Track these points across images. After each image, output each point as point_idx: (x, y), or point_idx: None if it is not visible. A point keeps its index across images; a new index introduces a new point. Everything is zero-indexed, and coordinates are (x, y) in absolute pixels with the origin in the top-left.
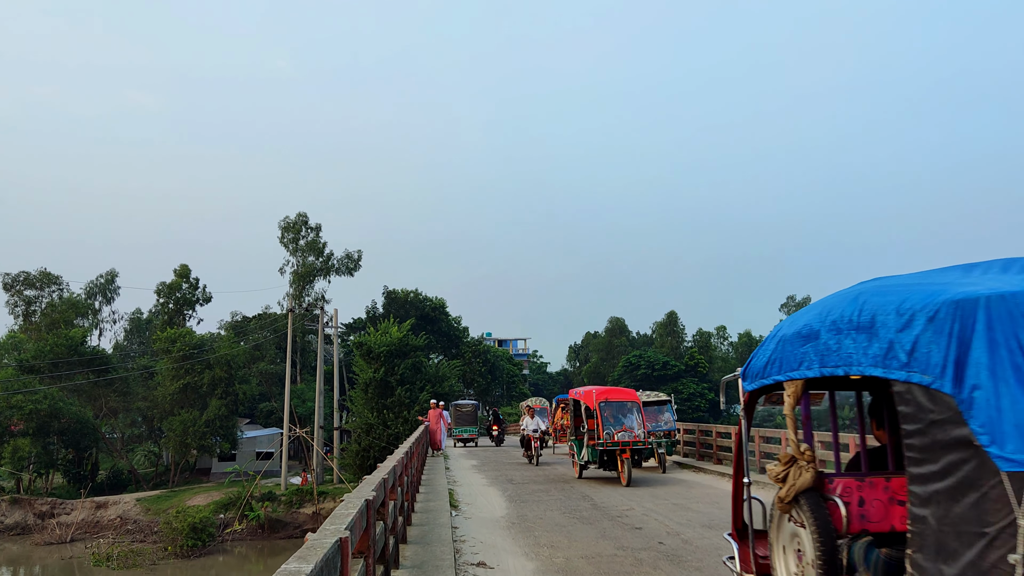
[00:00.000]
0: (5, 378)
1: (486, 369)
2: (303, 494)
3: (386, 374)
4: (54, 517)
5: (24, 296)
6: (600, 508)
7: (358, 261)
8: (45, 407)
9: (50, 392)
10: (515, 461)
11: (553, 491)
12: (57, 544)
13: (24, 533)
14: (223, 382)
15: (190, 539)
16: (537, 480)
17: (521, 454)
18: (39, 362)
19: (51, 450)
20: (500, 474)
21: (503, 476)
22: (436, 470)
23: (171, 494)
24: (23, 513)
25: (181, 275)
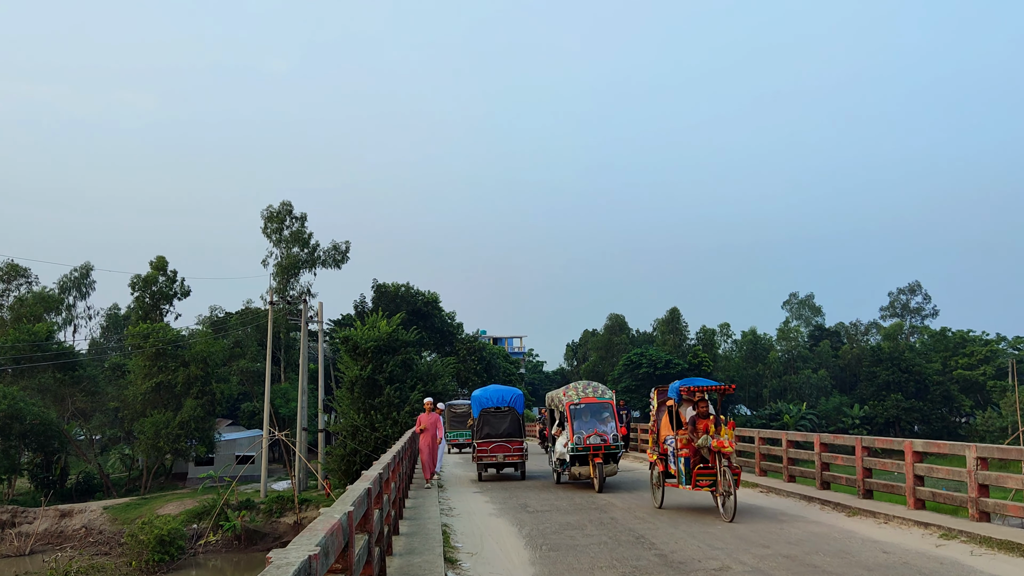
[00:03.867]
0: None
1: (481, 367)
2: (284, 502)
3: (373, 371)
4: (15, 527)
5: None
6: (672, 563)
7: (346, 253)
8: (4, 407)
9: (9, 391)
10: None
11: (589, 526)
12: (15, 556)
13: None
14: (199, 381)
15: (157, 553)
16: (562, 506)
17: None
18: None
19: (12, 454)
20: (510, 497)
21: (515, 500)
22: (424, 487)
23: (142, 502)
24: None
25: (157, 267)
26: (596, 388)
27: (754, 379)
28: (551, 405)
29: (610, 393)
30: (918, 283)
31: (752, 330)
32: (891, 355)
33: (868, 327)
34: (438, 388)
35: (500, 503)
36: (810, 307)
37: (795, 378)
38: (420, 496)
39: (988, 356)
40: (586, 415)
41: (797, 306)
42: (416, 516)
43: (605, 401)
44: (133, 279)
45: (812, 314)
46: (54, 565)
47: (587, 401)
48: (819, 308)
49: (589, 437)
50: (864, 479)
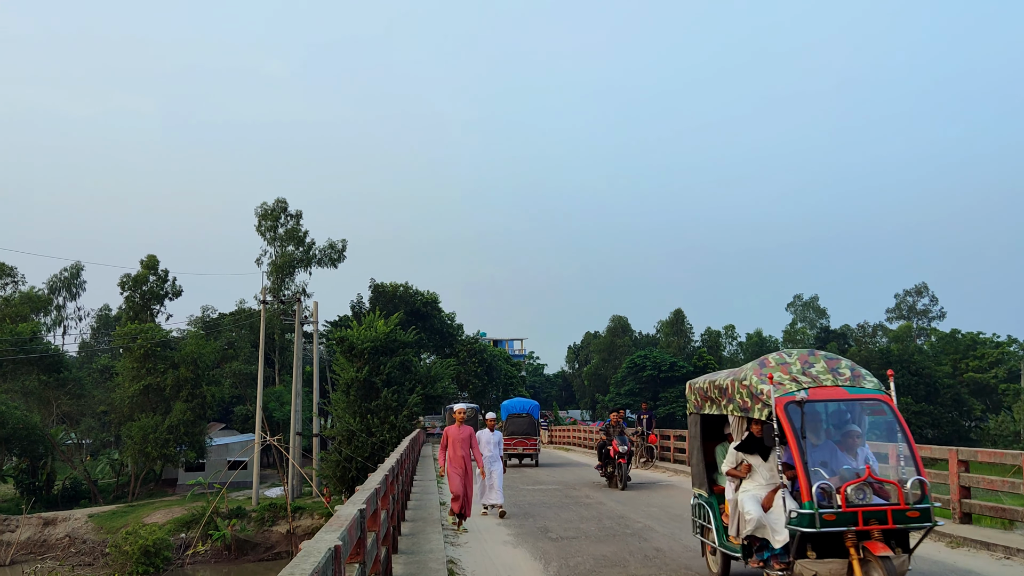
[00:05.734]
0: None
1: (482, 370)
2: (276, 510)
3: (370, 373)
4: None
5: None
6: None
7: (342, 252)
8: None
9: None
10: (535, 484)
11: (631, 561)
12: None
13: None
14: (189, 383)
15: (141, 564)
16: (590, 531)
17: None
18: None
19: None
20: (527, 516)
21: (533, 522)
22: (425, 507)
23: (128, 509)
24: None
25: (148, 267)
26: (840, 364)
27: None
28: (707, 400)
29: (874, 381)
30: (925, 284)
31: (758, 332)
32: (900, 357)
33: (875, 329)
34: (438, 391)
35: (516, 526)
36: (815, 309)
37: None
38: (420, 509)
39: (999, 359)
40: (833, 429)
41: (802, 308)
42: (414, 548)
43: (873, 396)
44: (123, 279)
45: (817, 316)
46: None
47: (831, 395)
48: (824, 310)
49: (851, 487)
50: None
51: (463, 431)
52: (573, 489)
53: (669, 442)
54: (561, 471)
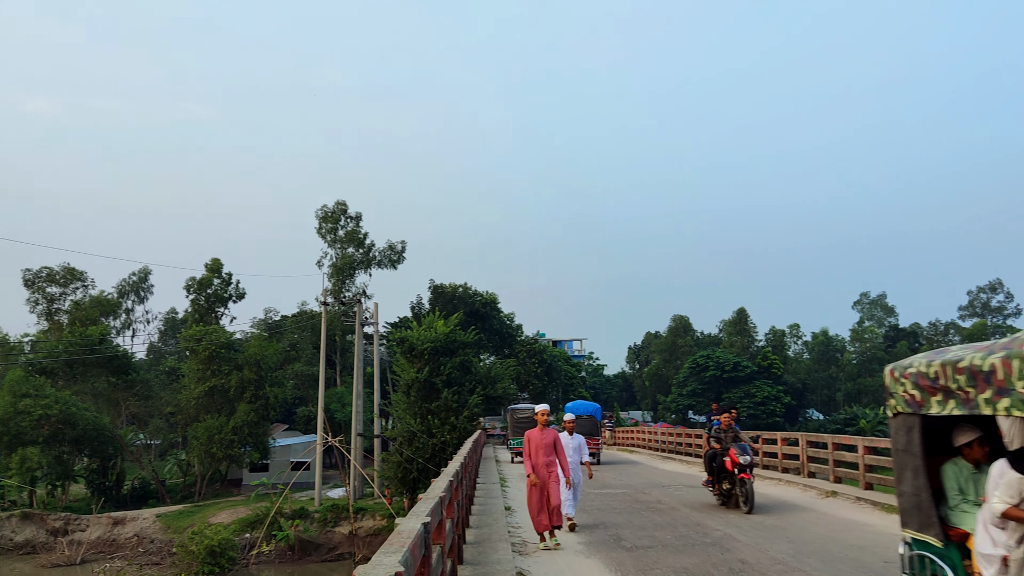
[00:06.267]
0: (13, 380)
1: (542, 370)
2: (339, 511)
3: (430, 374)
4: (68, 534)
5: (47, 294)
6: None
7: (401, 253)
8: (56, 412)
9: (62, 396)
10: (602, 488)
11: (715, 575)
12: (65, 566)
13: (34, 552)
14: (253, 385)
15: (207, 564)
16: (666, 540)
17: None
18: (52, 363)
19: (66, 460)
20: (597, 521)
21: (604, 530)
22: (489, 512)
23: (195, 509)
24: (35, 530)
25: (212, 270)
26: None
27: (826, 382)
28: (939, 391)
29: None
30: (999, 281)
31: (823, 331)
32: None
33: (947, 327)
34: (498, 391)
35: (586, 534)
36: (882, 307)
37: (870, 381)
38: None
39: None
40: None
41: (868, 306)
42: (480, 559)
43: None
44: (188, 282)
45: (885, 314)
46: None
47: None
48: (892, 308)
49: None
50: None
51: (546, 435)
52: (642, 493)
53: (776, 447)
54: (628, 474)
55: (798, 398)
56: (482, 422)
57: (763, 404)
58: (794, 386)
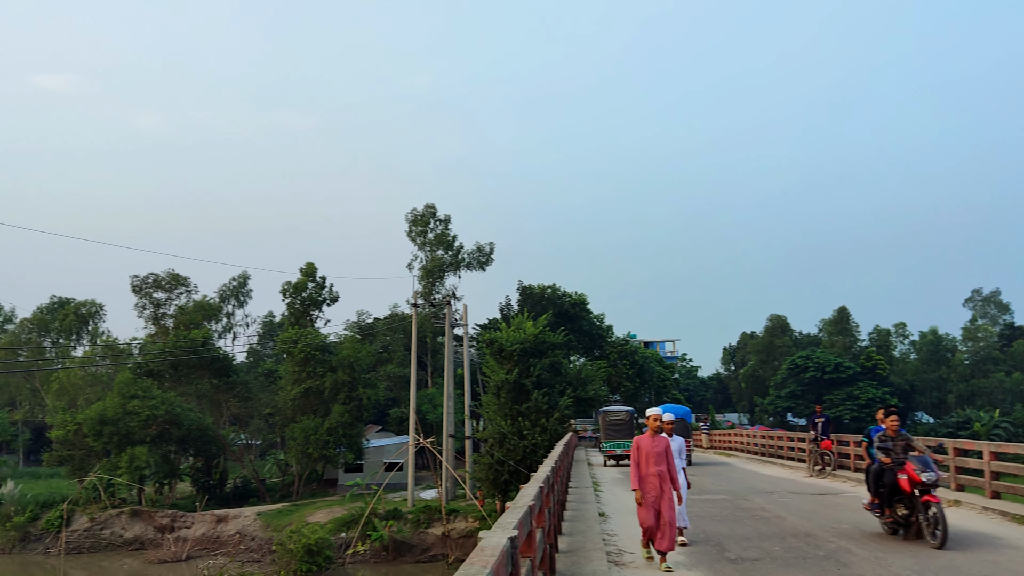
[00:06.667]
0: (122, 382)
1: (634, 372)
2: (431, 512)
3: (520, 375)
4: (174, 531)
5: (153, 299)
6: None
7: (490, 255)
8: (162, 413)
9: (167, 397)
10: (700, 494)
11: None
12: (172, 562)
13: (143, 548)
14: (346, 386)
15: (304, 563)
16: (774, 552)
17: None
18: (158, 365)
19: (172, 459)
20: (696, 528)
21: (706, 542)
22: (583, 518)
23: (293, 508)
24: (143, 526)
25: (307, 274)
26: None
27: (936, 384)
28: None
29: None
30: None
31: (932, 330)
32: None
33: None
34: (589, 393)
35: (686, 537)
36: (996, 304)
37: (985, 382)
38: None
39: None
40: None
41: (981, 304)
42: (574, 570)
43: None
44: (284, 286)
45: (999, 312)
46: (206, 573)
47: None
48: (1007, 305)
49: None
50: None
51: (657, 443)
52: (744, 500)
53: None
54: (726, 479)
55: (905, 400)
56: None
57: (867, 407)
58: (901, 388)
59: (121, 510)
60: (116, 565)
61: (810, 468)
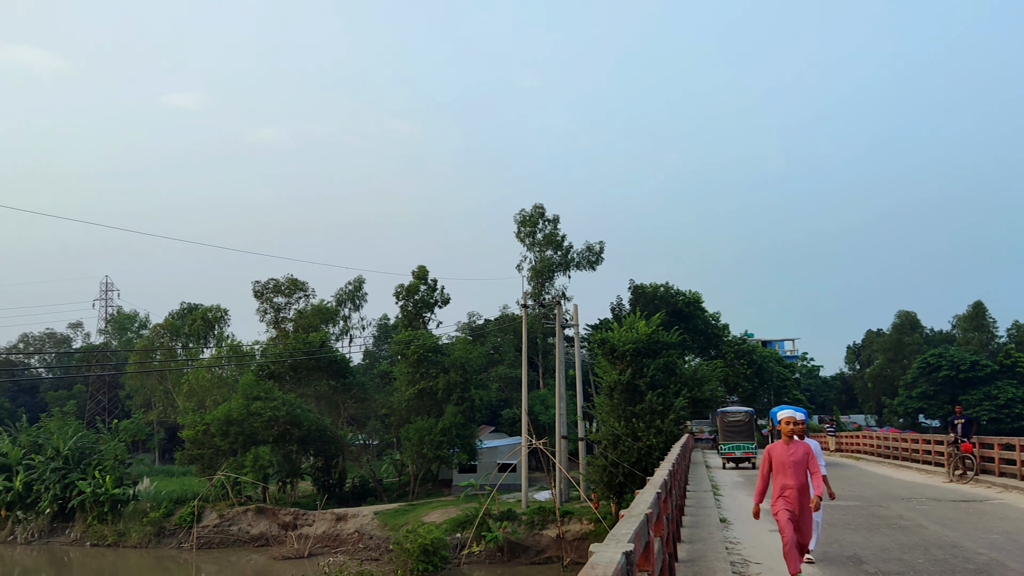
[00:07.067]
0: (246, 384)
1: (752, 372)
2: (545, 513)
3: (633, 376)
4: (296, 528)
5: (273, 303)
6: None
7: (600, 254)
8: (283, 413)
9: (288, 398)
10: (831, 501)
11: None
12: (295, 558)
13: (267, 544)
14: (459, 387)
15: (421, 562)
16: (917, 564)
17: None
18: (279, 367)
19: (293, 458)
20: (826, 535)
21: (839, 550)
22: (703, 524)
23: (409, 508)
24: (268, 523)
25: (419, 277)
26: None
27: None
28: None
29: None
30: None
31: None
32: None
33: None
34: (705, 394)
35: (817, 555)
36: None
37: None
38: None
39: None
40: None
41: None
42: None
43: None
44: (397, 289)
45: None
46: (327, 570)
47: None
48: None
49: None
50: None
51: (795, 450)
52: (879, 507)
53: (1015, 453)
54: (856, 484)
55: None
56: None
57: (1007, 407)
58: None
59: (247, 507)
60: (244, 560)
61: (950, 473)
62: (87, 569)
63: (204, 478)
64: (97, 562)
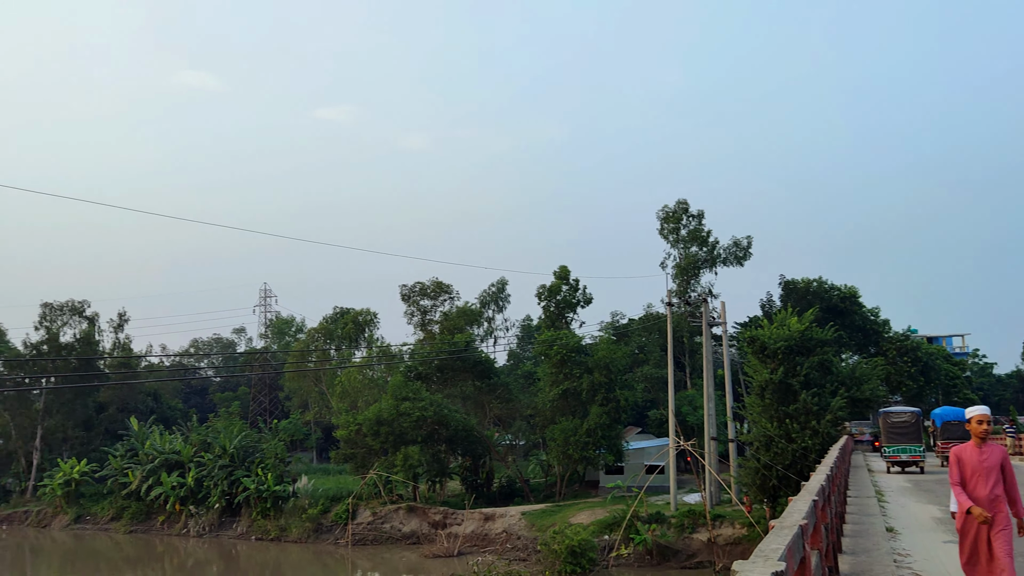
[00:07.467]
0: (395, 385)
1: (916, 370)
2: (695, 517)
3: (786, 375)
4: (446, 527)
5: (420, 306)
6: None
7: (748, 249)
8: (431, 414)
9: (435, 399)
10: None
11: None
12: (445, 557)
13: (418, 542)
14: (603, 387)
15: (568, 564)
16: None
17: None
18: (426, 368)
19: (441, 458)
20: None
21: None
22: (867, 534)
23: (556, 509)
24: (418, 522)
25: (561, 277)
26: None
27: None
28: None
29: None
30: None
31: None
32: None
33: None
34: (864, 393)
35: None
36: None
37: None
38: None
39: None
40: None
41: None
42: None
43: None
44: (539, 290)
45: None
46: (476, 569)
47: None
48: None
49: None
50: None
51: (988, 454)
52: None
53: None
54: None
55: None
56: (848, 427)
57: None
58: None
59: (398, 506)
60: (396, 557)
61: None
62: (253, 562)
63: (358, 476)
64: (262, 555)
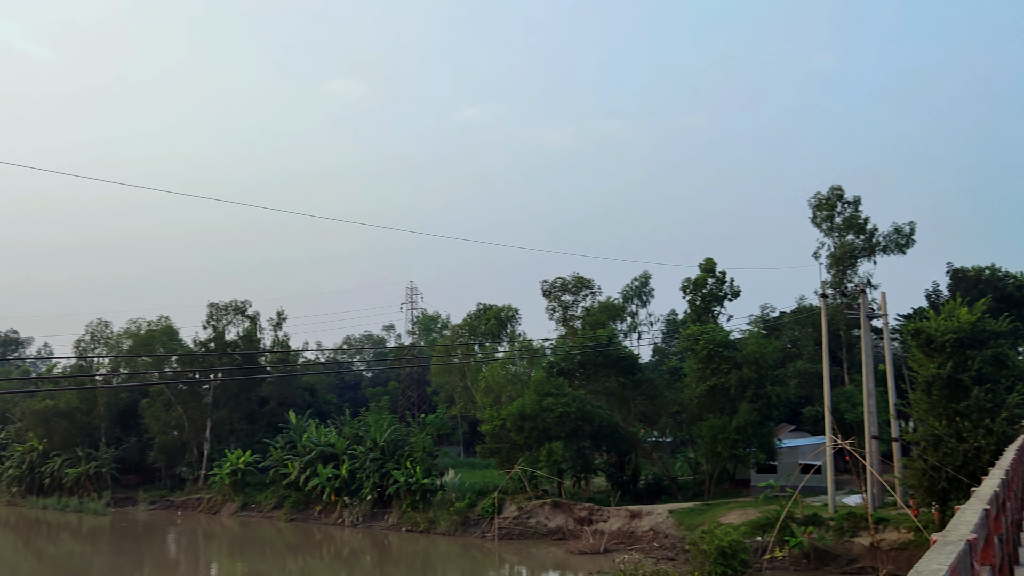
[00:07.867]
0: (537, 380)
1: None
2: (856, 520)
3: (955, 370)
4: (591, 524)
5: (561, 301)
6: None
7: (910, 236)
8: (574, 409)
9: (577, 395)
10: None
11: None
12: (591, 553)
13: (563, 538)
14: (753, 383)
15: (719, 565)
16: None
17: None
18: (568, 364)
19: (586, 454)
20: None
21: None
22: None
23: (705, 507)
24: (564, 518)
25: (707, 270)
26: None
27: None
28: None
29: None
30: None
31: None
32: None
33: None
34: None
35: None
36: None
37: None
38: None
39: None
40: None
41: None
42: None
43: None
44: (684, 283)
45: None
46: (622, 567)
47: None
48: None
49: None
50: None
51: None
52: None
53: None
54: None
55: None
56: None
57: None
58: None
59: (544, 501)
60: (543, 552)
61: None
62: (404, 553)
63: (503, 471)
64: (412, 547)
